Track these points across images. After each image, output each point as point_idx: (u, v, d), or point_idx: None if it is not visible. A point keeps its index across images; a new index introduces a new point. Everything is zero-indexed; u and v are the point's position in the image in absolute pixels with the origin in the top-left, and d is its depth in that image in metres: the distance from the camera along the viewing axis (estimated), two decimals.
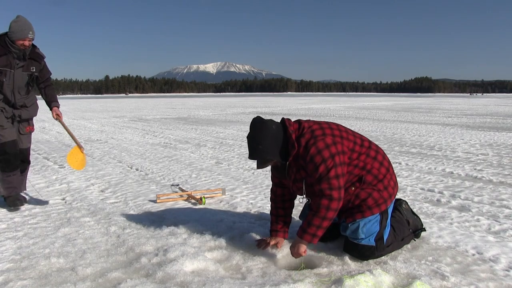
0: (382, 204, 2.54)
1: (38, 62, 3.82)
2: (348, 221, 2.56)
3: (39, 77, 3.87)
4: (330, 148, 2.39)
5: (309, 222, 2.41)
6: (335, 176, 2.37)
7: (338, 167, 2.38)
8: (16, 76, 3.67)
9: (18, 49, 3.58)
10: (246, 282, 2.24)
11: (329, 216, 2.39)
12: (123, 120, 15.78)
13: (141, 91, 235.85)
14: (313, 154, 2.39)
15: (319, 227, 2.40)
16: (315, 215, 2.40)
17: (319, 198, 2.40)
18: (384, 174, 2.59)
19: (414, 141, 8.61)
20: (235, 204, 3.92)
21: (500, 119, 14.88)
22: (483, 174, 5.18)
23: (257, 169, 2.68)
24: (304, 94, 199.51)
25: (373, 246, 2.51)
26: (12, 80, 3.66)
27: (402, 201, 2.94)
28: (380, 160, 2.61)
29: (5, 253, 2.75)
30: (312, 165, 2.39)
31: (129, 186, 4.83)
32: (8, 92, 3.69)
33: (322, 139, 2.42)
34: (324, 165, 2.36)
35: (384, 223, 2.56)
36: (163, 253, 2.62)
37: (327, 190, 2.37)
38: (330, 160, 2.37)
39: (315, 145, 2.40)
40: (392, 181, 2.64)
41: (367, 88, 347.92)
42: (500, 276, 2.32)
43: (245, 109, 25.24)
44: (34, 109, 3.99)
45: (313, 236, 2.42)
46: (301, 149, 2.45)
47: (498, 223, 3.25)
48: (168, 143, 8.80)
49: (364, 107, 26.35)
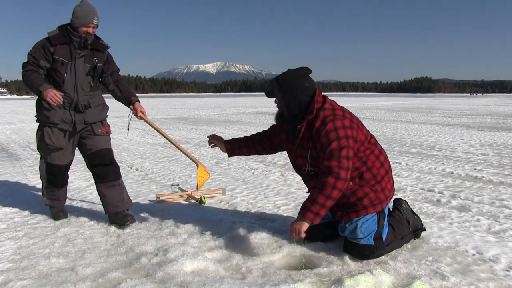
0: (378, 205, 2.54)
1: (102, 51, 3.27)
2: (344, 220, 2.56)
3: (104, 70, 3.31)
4: (346, 129, 2.42)
5: (314, 200, 2.37)
6: (346, 156, 2.36)
7: (350, 149, 2.38)
8: (77, 68, 3.15)
9: (80, 36, 3.09)
10: (246, 282, 2.24)
11: (334, 195, 2.35)
12: (123, 120, 15.77)
13: (141, 91, 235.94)
14: (329, 129, 2.40)
15: (323, 206, 2.36)
16: (320, 193, 2.35)
17: (326, 175, 2.36)
18: (383, 176, 2.59)
19: (414, 141, 8.61)
20: (235, 204, 3.92)
21: (500, 119, 14.88)
22: (483, 174, 5.18)
23: (265, 95, 2.72)
24: None
25: (372, 245, 2.50)
26: (74, 73, 3.14)
27: (402, 201, 2.94)
28: (381, 160, 2.62)
29: (5, 253, 2.74)
30: (326, 139, 2.39)
31: (129, 186, 4.82)
32: (70, 88, 3.16)
33: (341, 119, 2.45)
34: (337, 142, 2.37)
35: (382, 222, 2.56)
36: (163, 253, 2.62)
37: (336, 168, 2.34)
38: (344, 140, 2.38)
39: (333, 122, 2.42)
40: (389, 184, 2.64)
41: (367, 88, 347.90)
42: (500, 276, 2.32)
43: (245, 109, 25.24)
44: (102, 111, 3.37)
45: (316, 215, 2.38)
46: (318, 121, 2.46)
47: (498, 223, 3.25)
48: (168, 143, 8.79)
49: (364, 107, 26.34)
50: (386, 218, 2.62)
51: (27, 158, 7.01)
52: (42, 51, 3.10)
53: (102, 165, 3.30)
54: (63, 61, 3.10)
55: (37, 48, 3.12)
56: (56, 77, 3.14)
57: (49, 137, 3.20)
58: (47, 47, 3.10)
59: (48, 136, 3.20)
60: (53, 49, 3.09)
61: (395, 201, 3.00)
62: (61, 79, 3.13)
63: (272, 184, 4.76)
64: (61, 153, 3.27)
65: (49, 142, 3.20)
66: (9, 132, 11.80)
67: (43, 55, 3.10)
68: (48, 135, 3.19)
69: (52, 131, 3.20)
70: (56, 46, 3.08)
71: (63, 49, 3.10)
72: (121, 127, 12.93)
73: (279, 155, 6.83)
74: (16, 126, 13.91)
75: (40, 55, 3.11)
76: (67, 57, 3.11)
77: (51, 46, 3.10)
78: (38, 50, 3.11)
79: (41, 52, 3.10)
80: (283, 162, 6.22)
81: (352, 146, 2.41)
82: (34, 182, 5.02)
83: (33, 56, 3.11)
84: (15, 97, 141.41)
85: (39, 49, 3.11)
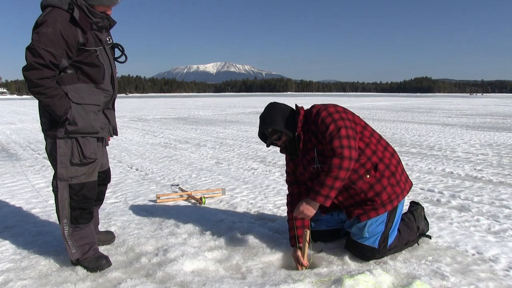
0: (395, 200, 2.51)
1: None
2: (363, 219, 2.50)
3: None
4: (340, 113, 2.47)
5: (322, 183, 2.35)
6: (346, 135, 2.37)
7: (349, 129, 2.40)
8: (109, 56, 2.46)
9: (101, 17, 2.34)
10: (246, 282, 2.24)
11: (341, 175, 2.33)
12: (123, 120, 15.77)
13: (141, 91, 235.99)
14: (324, 116, 2.44)
15: (332, 187, 2.34)
16: (327, 175, 2.34)
17: (331, 158, 2.36)
18: (396, 166, 2.57)
19: (414, 141, 8.61)
20: (235, 204, 3.92)
21: (500, 119, 14.88)
22: (483, 174, 5.18)
23: (267, 147, 2.69)
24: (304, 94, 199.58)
25: (376, 248, 2.49)
26: (109, 63, 2.43)
27: (419, 206, 2.91)
28: (391, 151, 2.63)
29: (5, 253, 2.75)
30: (323, 126, 2.42)
31: (129, 186, 4.83)
32: (108, 82, 2.42)
33: (333, 106, 2.55)
34: (334, 124, 2.40)
35: (389, 225, 2.53)
36: (163, 253, 2.63)
37: (338, 148, 2.34)
38: (340, 120, 2.41)
39: (326, 109, 2.49)
40: (403, 176, 2.62)
41: (367, 88, 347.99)
42: (500, 276, 2.32)
43: (245, 109, 25.24)
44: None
45: (326, 197, 2.36)
46: (312, 115, 2.52)
47: (498, 223, 3.25)
48: (168, 143, 8.79)
49: (364, 107, 26.34)
50: (396, 219, 2.56)
51: (27, 158, 7.01)
52: (64, 43, 2.17)
53: (102, 185, 2.71)
54: (96, 50, 2.33)
55: (56, 37, 2.14)
56: (92, 74, 2.33)
57: (88, 149, 2.37)
58: (73, 33, 2.20)
59: (86, 147, 2.36)
60: (83, 36, 2.25)
61: (412, 204, 2.98)
62: (101, 74, 2.36)
63: (272, 184, 4.76)
64: (97, 162, 2.48)
65: (90, 155, 2.37)
66: (9, 132, 11.79)
67: (65, 50, 2.19)
68: (86, 146, 2.36)
69: (89, 141, 2.38)
70: (86, 33, 2.27)
71: (91, 37, 2.32)
72: (121, 127, 12.93)
73: (279, 155, 6.84)
74: (16, 126, 13.90)
75: (62, 50, 2.18)
76: (97, 43, 2.36)
77: (80, 31, 2.23)
78: (59, 41, 2.15)
79: (63, 45, 2.17)
80: (283, 162, 6.22)
81: (350, 126, 2.42)
82: (34, 182, 5.03)
83: (51, 53, 2.14)
84: (15, 97, 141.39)
85: (59, 38, 2.15)
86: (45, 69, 2.13)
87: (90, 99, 2.33)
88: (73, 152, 2.33)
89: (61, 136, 2.30)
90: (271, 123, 2.55)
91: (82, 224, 2.45)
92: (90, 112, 2.33)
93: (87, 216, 2.46)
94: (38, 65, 2.12)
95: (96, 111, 2.38)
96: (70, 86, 2.27)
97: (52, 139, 2.34)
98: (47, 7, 2.20)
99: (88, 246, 2.47)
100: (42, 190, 4.61)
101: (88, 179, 2.42)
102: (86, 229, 2.49)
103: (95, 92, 2.36)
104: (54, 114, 2.22)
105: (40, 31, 2.12)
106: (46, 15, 2.16)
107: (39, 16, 2.20)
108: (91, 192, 2.45)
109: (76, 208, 2.40)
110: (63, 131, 2.29)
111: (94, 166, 2.45)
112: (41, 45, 2.10)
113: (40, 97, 2.17)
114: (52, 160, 2.39)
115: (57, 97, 2.19)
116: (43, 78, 2.14)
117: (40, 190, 4.61)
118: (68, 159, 2.34)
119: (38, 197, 4.29)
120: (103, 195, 2.75)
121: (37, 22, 2.18)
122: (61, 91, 2.22)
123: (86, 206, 2.44)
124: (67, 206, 2.39)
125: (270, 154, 7.04)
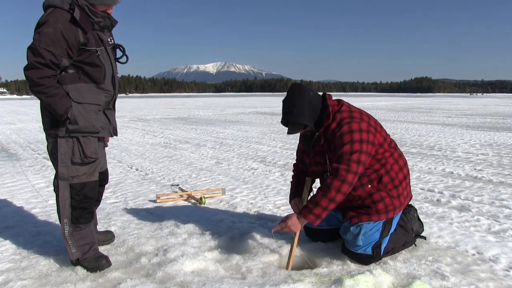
0: (391, 212, 2.51)
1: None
2: (354, 222, 2.51)
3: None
4: (362, 133, 2.35)
5: (317, 203, 2.34)
6: (357, 160, 2.31)
7: (362, 154, 2.33)
8: (111, 56, 2.47)
9: (102, 16, 2.36)
10: (246, 282, 2.24)
11: (337, 199, 2.32)
12: (123, 120, 15.77)
13: (141, 91, 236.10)
14: (344, 132, 2.34)
15: (325, 208, 2.34)
16: (324, 196, 2.32)
17: (332, 178, 2.32)
18: (401, 180, 2.55)
19: (414, 141, 8.61)
20: (235, 204, 3.92)
21: (500, 119, 14.87)
22: (483, 174, 5.18)
23: (288, 134, 2.66)
24: None
25: (370, 255, 2.49)
26: (110, 63, 2.44)
27: (412, 208, 2.91)
28: (401, 165, 2.58)
29: (5, 253, 2.75)
30: (339, 141, 2.35)
31: (129, 186, 4.83)
32: (108, 82, 2.44)
33: (358, 122, 2.39)
34: (350, 145, 2.32)
35: (385, 234, 2.52)
36: (163, 253, 2.62)
37: (344, 171, 2.30)
38: (358, 144, 2.33)
39: (349, 124, 2.36)
40: (405, 191, 2.60)
41: (367, 88, 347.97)
42: (500, 276, 2.32)
43: (245, 109, 25.24)
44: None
45: (317, 217, 2.35)
46: (334, 124, 2.41)
47: (498, 223, 3.25)
48: (168, 143, 8.79)
49: (364, 107, 26.32)
50: (391, 230, 2.56)
51: (27, 158, 7.01)
52: (65, 43, 2.20)
53: (100, 186, 2.67)
54: (96, 50, 2.34)
55: (57, 37, 2.17)
56: (92, 74, 2.34)
57: (89, 148, 2.38)
58: (74, 33, 2.22)
59: (87, 146, 2.37)
60: (84, 36, 2.27)
61: (406, 206, 2.98)
62: (102, 74, 2.37)
63: (272, 184, 4.76)
64: (98, 162, 2.49)
65: (91, 154, 2.38)
66: (9, 132, 11.79)
67: (65, 50, 2.21)
68: (87, 145, 2.37)
69: (90, 140, 2.39)
70: (87, 33, 2.29)
71: (92, 37, 2.33)
72: (121, 127, 12.93)
73: (279, 155, 6.84)
74: (16, 126, 13.90)
75: (63, 50, 2.21)
76: (98, 43, 2.37)
77: (81, 31, 2.25)
78: (59, 41, 2.17)
79: (64, 45, 2.20)
80: (283, 162, 6.22)
81: (365, 151, 2.34)
82: (34, 182, 5.02)
83: (52, 52, 2.17)
84: (15, 97, 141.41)
85: (59, 38, 2.17)
86: (46, 68, 2.16)
87: (91, 98, 2.35)
88: (74, 151, 2.34)
89: (62, 135, 2.32)
90: (299, 115, 2.39)
91: (83, 224, 2.46)
92: (91, 111, 2.35)
93: (87, 216, 2.47)
94: (39, 64, 2.15)
95: (97, 111, 2.39)
96: (71, 85, 2.29)
97: (53, 138, 2.36)
98: (49, 7, 2.24)
99: (88, 246, 2.48)
100: (42, 190, 4.61)
101: (89, 179, 2.43)
102: (86, 229, 2.50)
103: (96, 92, 2.37)
104: (55, 113, 2.25)
105: (41, 31, 2.16)
106: (48, 15, 2.20)
107: (41, 16, 2.25)
108: (92, 192, 2.46)
109: (77, 208, 2.41)
110: (64, 130, 2.30)
111: (95, 166, 2.46)
112: (42, 44, 2.14)
113: (41, 96, 2.20)
114: (53, 159, 2.41)
115: (58, 96, 2.21)
116: (43, 77, 2.17)
117: (40, 190, 4.61)
118: (69, 158, 2.35)
119: (38, 197, 4.29)
120: (100, 196, 2.75)
121: (38, 22, 2.22)
122: (61, 90, 2.24)
123: (87, 206, 2.45)
124: (68, 205, 2.40)
125: (270, 154, 7.04)
